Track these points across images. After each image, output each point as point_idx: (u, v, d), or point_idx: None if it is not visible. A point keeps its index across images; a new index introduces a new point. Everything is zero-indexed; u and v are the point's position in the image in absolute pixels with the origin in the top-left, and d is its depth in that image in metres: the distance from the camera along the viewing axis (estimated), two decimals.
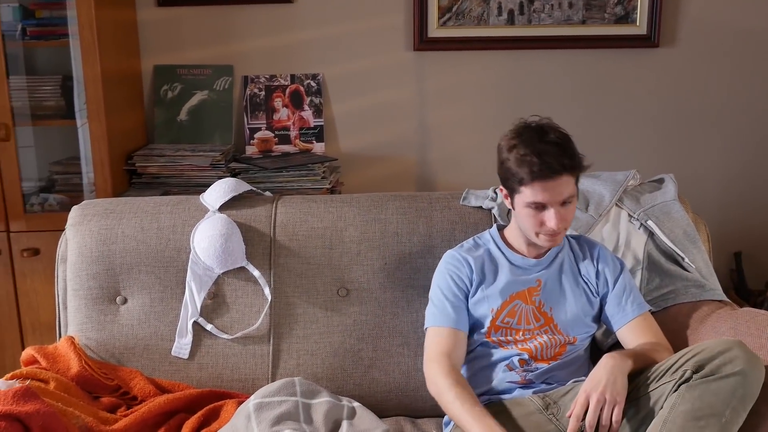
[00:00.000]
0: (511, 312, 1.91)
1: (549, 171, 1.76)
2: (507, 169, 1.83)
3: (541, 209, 1.81)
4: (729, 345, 1.63)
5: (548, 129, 1.83)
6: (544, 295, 1.92)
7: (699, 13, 3.04)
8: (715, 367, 1.60)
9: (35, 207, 2.83)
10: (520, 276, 1.94)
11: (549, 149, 1.77)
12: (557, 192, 1.79)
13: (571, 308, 1.92)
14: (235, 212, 2.19)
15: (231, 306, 2.16)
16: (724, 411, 1.58)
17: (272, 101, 3.11)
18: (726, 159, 3.17)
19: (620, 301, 1.93)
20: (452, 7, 3.03)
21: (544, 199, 1.79)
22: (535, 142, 1.79)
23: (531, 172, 1.77)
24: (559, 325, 1.91)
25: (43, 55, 2.97)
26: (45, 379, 1.98)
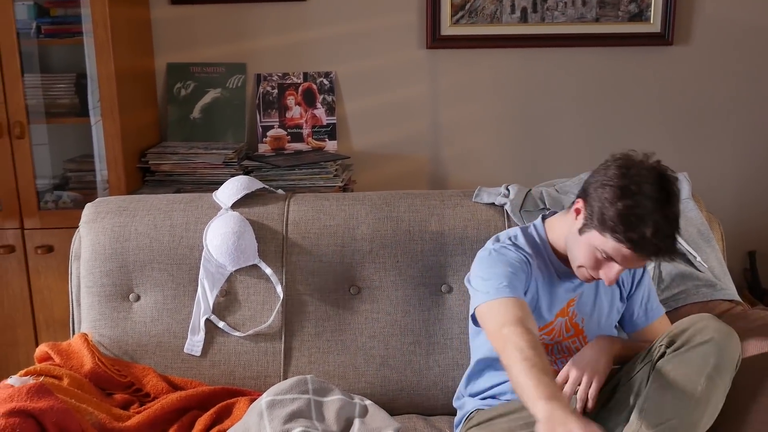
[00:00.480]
0: (550, 330, 1.83)
1: (648, 254, 1.61)
2: (603, 211, 1.62)
3: (608, 261, 1.67)
4: (699, 318, 1.63)
5: (671, 193, 1.62)
6: (579, 306, 1.85)
7: (713, 11, 3.02)
8: (685, 339, 1.61)
9: (49, 204, 2.85)
10: (564, 287, 1.82)
11: (664, 230, 1.58)
12: (636, 263, 1.66)
13: (603, 319, 1.86)
14: (248, 210, 2.20)
15: (243, 303, 2.16)
16: (699, 379, 1.57)
17: (285, 99, 3.12)
18: (740, 157, 3.15)
19: (641, 303, 1.90)
20: (465, 5, 3.03)
21: (619, 262, 1.65)
22: (655, 212, 1.58)
23: (630, 240, 1.59)
24: (588, 337, 1.84)
25: (57, 53, 2.98)
26: (59, 376, 1.99)
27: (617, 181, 1.63)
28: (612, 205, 1.61)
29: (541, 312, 1.80)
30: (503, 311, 1.64)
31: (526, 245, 1.82)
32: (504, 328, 1.59)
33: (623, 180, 1.63)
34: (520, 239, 1.84)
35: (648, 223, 1.57)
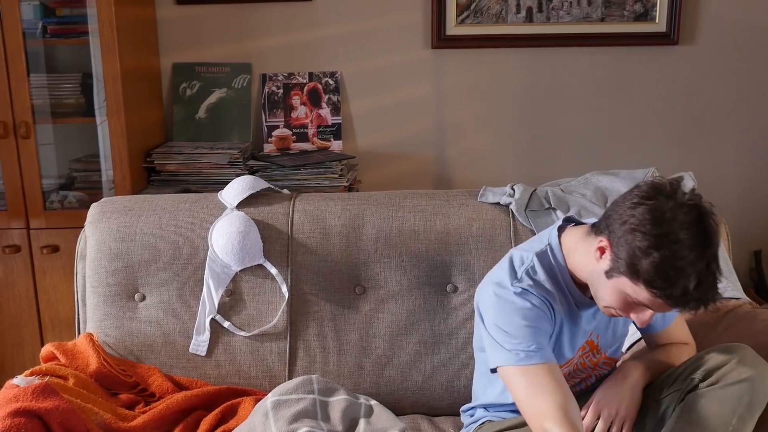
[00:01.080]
0: (568, 362, 1.73)
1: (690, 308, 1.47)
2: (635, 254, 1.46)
3: (640, 305, 1.53)
4: (735, 351, 1.60)
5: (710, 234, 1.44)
6: (595, 324, 1.75)
7: (718, 11, 3.02)
8: (721, 375, 1.58)
9: (55, 204, 2.85)
10: (586, 321, 1.71)
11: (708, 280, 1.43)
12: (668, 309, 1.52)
13: (618, 330, 1.80)
14: (253, 210, 2.20)
15: (248, 303, 2.16)
16: (731, 419, 1.55)
17: (290, 99, 3.12)
18: (746, 157, 3.14)
19: None
20: (470, 5, 3.02)
21: (656, 309, 1.52)
22: (697, 261, 1.42)
23: (670, 297, 1.45)
24: (601, 348, 1.79)
25: (63, 53, 2.99)
26: (64, 376, 1.99)
27: (650, 228, 1.44)
28: (646, 257, 1.43)
29: (563, 350, 1.69)
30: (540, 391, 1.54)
31: (545, 280, 1.65)
32: (546, 421, 1.50)
33: (657, 227, 1.44)
34: (539, 272, 1.66)
35: (690, 277, 1.41)
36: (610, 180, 2.30)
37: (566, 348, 1.69)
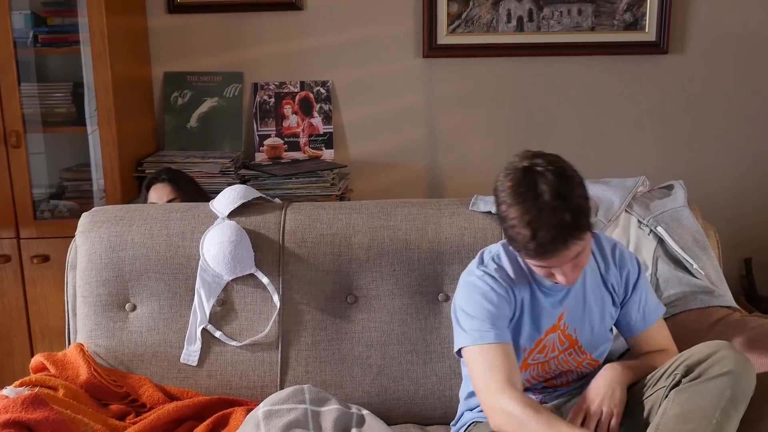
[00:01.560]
0: (542, 348, 1.81)
1: (547, 252, 1.58)
2: (507, 228, 1.63)
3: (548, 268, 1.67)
4: (717, 347, 1.63)
5: (544, 185, 1.57)
6: (569, 317, 1.81)
7: (708, 20, 3.04)
8: (703, 369, 1.60)
9: (45, 214, 2.85)
10: (551, 304, 1.79)
11: (544, 221, 1.55)
12: (563, 259, 1.61)
13: (595, 326, 1.83)
14: (245, 219, 2.20)
15: (240, 313, 2.16)
16: (714, 412, 1.56)
17: (282, 108, 3.12)
18: (736, 165, 3.16)
19: (638, 308, 1.85)
20: (461, 14, 3.04)
21: (551, 266, 1.64)
22: (531, 210, 1.56)
23: (527, 250, 1.60)
24: (583, 346, 1.83)
25: (54, 63, 2.99)
26: (54, 386, 1.98)
27: (501, 196, 1.63)
28: (505, 224, 1.62)
29: (530, 331, 1.78)
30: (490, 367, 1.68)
31: (509, 266, 1.77)
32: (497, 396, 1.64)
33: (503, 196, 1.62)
34: (504, 259, 1.79)
35: (530, 227, 1.55)
36: (601, 188, 2.31)
37: (533, 329, 1.78)
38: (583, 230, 1.59)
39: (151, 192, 2.54)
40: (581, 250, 1.62)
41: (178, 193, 2.52)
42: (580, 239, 1.59)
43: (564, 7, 3.02)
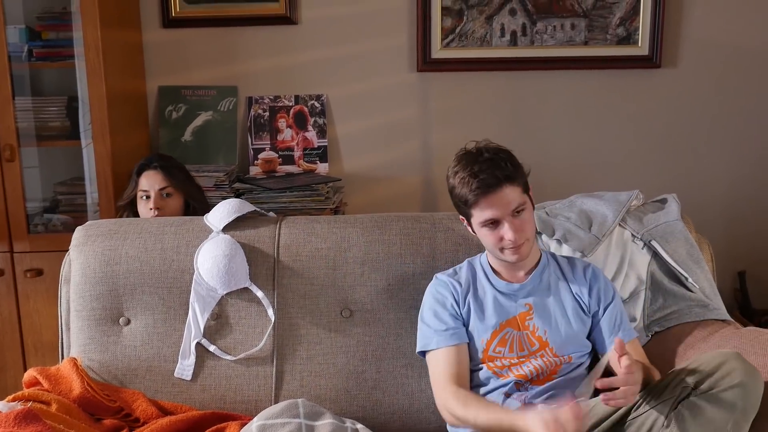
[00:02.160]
0: (501, 341, 1.91)
1: (486, 186, 1.81)
2: (455, 195, 1.90)
3: (496, 225, 1.85)
4: (726, 357, 1.62)
5: (483, 149, 1.88)
6: (537, 319, 1.92)
7: (700, 34, 3.06)
8: (713, 381, 1.60)
9: (39, 227, 2.84)
10: (508, 302, 1.94)
11: (483, 166, 1.83)
12: (504, 204, 1.83)
13: (564, 328, 1.92)
14: (239, 233, 2.20)
15: (234, 327, 2.15)
16: (726, 425, 1.57)
17: (276, 122, 3.12)
18: (729, 178, 3.17)
19: (613, 326, 1.92)
20: (455, 29, 3.05)
21: (494, 215, 1.84)
22: (472, 164, 1.85)
23: (471, 191, 1.83)
24: (555, 348, 1.90)
25: (49, 77, 2.99)
26: (47, 401, 1.97)
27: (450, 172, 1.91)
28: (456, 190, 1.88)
29: (484, 321, 1.93)
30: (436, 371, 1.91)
31: (465, 273, 2.00)
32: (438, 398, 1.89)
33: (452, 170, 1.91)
34: (463, 269, 2.02)
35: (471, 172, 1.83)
36: (594, 203, 2.32)
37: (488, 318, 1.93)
38: (517, 176, 1.85)
39: (142, 178, 2.52)
40: (521, 204, 1.84)
41: (170, 181, 2.52)
42: (516, 184, 1.84)
43: (557, 22, 3.04)
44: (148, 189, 2.50)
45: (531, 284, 1.95)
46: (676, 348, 2.05)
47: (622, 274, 2.19)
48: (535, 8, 3.03)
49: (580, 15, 3.03)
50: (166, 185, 2.51)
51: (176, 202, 2.54)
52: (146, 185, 2.51)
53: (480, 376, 1.92)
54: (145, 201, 2.51)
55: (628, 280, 2.19)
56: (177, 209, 2.54)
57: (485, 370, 1.91)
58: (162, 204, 2.49)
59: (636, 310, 2.17)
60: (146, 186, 2.51)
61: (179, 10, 3.07)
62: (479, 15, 3.03)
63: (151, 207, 2.48)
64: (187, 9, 3.07)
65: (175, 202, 2.53)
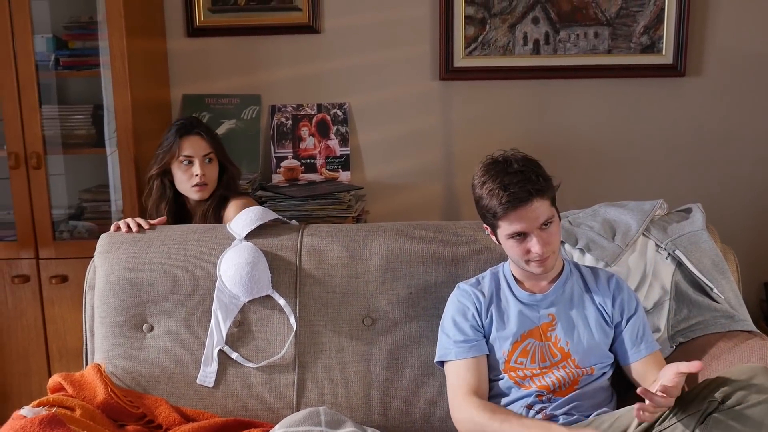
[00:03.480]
0: (523, 352, 1.90)
1: (517, 200, 1.79)
2: (482, 206, 1.87)
3: (523, 238, 1.84)
4: (754, 372, 1.61)
5: (512, 159, 1.85)
6: (560, 330, 1.91)
7: (725, 42, 3.03)
8: (741, 396, 1.58)
9: (64, 234, 2.87)
10: (530, 313, 1.93)
11: (514, 179, 1.80)
12: (533, 218, 1.81)
13: (587, 339, 1.90)
14: (262, 240, 2.20)
15: (256, 334, 2.16)
16: None
17: (299, 130, 3.14)
18: (755, 188, 3.14)
19: (635, 337, 1.91)
20: (478, 37, 3.05)
21: (522, 228, 1.82)
22: (501, 175, 1.82)
23: (501, 204, 1.80)
24: (576, 360, 1.89)
25: (75, 85, 3.02)
26: (71, 407, 1.98)
27: (477, 181, 1.89)
28: (483, 200, 1.85)
29: (506, 332, 1.92)
30: (454, 382, 1.91)
31: (489, 283, 1.99)
32: (455, 409, 1.89)
33: (480, 179, 1.87)
34: (486, 279, 2.01)
35: (501, 184, 1.80)
36: (618, 212, 2.30)
37: (509, 330, 1.92)
38: (547, 189, 1.83)
39: (184, 142, 2.44)
40: (550, 217, 1.82)
41: (213, 147, 2.48)
42: (545, 197, 1.82)
43: (580, 30, 3.03)
44: (192, 155, 2.45)
45: (554, 294, 1.94)
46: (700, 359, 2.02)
47: (646, 284, 2.18)
48: (558, 17, 3.02)
49: (603, 23, 3.02)
50: (209, 151, 2.47)
51: (215, 169, 2.50)
52: (190, 150, 2.45)
53: (500, 385, 1.91)
54: (186, 166, 2.45)
55: (652, 290, 2.17)
56: (215, 177, 2.50)
57: (506, 379, 1.90)
58: (206, 170, 2.46)
59: (660, 320, 2.15)
60: (190, 151, 2.44)
61: (203, 19, 3.09)
62: (502, 24, 3.03)
63: (197, 173, 2.43)
64: (211, 18, 3.09)
65: (214, 169, 2.49)
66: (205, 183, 2.45)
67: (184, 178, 2.46)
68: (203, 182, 2.44)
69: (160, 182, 2.51)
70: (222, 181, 2.52)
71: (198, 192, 2.46)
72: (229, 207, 2.47)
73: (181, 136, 2.46)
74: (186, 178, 2.46)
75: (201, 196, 2.47)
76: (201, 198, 2.48)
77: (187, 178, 2.46)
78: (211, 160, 2.48)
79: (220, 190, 2.51)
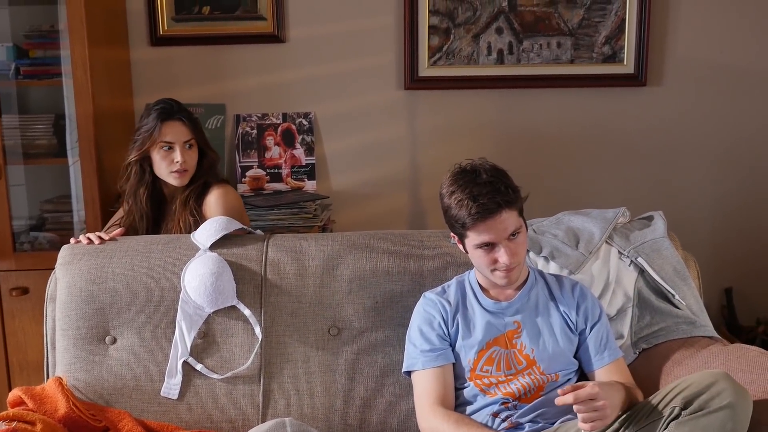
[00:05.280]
0: (488, 360, 1.91)
1: (486, 212, 1.79)
2: (450, 216, 1.86)
3: (491, 248, 1.84)
4: (715, 378, 1.62)
5: (480, 169, 1.85)
6: (525, 338, 1.92)
7: (684, 52, 3.09)
8: (703, 402, 1.59)
9: (25, 246, 2.82)
10: (496, 321, 1.94)
11: (483, 190, 1.80)
12: (501, 228, 1.81)
13: (552, 346, 1.92)
14: (226, 251, 2.19)
15: (221, 345, 2.14)
16: None
17: (264, 139, 3.13)
18: (714, 195, 3.19)
19: (599, 345, 1.93)
20: (442, 47, 3.07)
21: (491, 239, 1.82)
22: (470, 185, 1.82)
23: (470, 215, 1.80)
24: (542, 367, 1.90)
25: (36, 94, 2.98)
26: (32, 421, 1.95)
27: (445, 191, 1.89)
28: (451, 210, 1.85)
29: (472, 339, 1.92)
30: (421, 392, 1.92)
31: (454, 291, 2.00)
32: (422, 419, 1.90)
33: (448, 189, 1.88)
34: (452, 287, 2.02)
35: (470, 195, 1.80)
36: (581, 220, 2.32)
37: (476, 338, 1.92)
38: (516, 201, 1.84)
39: (165, 127, 2.36)
40: (518, 228, 1.83)
41: (194, 134, 2.41)
42: (513, 208, 1.82)
43: (543, 40, 3.06)
44: (173, 141, 2.37)
45: (519, 302, 1.95)
46: (663, 365, 2.05)
47: (609, 291, 2.20)
48: (521, 27, 3.05)
49: (566, 34, 3.06)
50: (190, 137, 2.40)
51: (195, 155, 2.43)
52: (171, 137, 2.36)
53: (466, 394, 1.92)
54: (166, 152, 2.37)
55: (615, 297, 2.20)
56: (194, 163, 2.43)
57: (472, 387, 1.91)
58: (186, 156, 2.38)
59: (623, 327, 2.17)
60: (171, 138, 2.36)
61: (167, 28, 3.07)
62: (466, 33, 3.06)
63: (177, 160, 2.36)
64: (175, 27, 3.08)
65: (194, 155, 2.42)
66: (185, 169, 2.39)
67: (164, 164, 2.38)
68: (183, 168, 2.38)
69: (140, 167, 2.41)
70: (202, 167, 2.45)
71: (178, 178, 2.39)
72: (210, 194, 2.41)
73: (162, 121, 2.37)
74: (166, 164, 2.38)
75: (181, 182, 2.41)
76: (180, 184, 2.41)
77: (167, 164, 2.38)
78: (192, 146, 2.40)
79: (201, 175, 2.44)
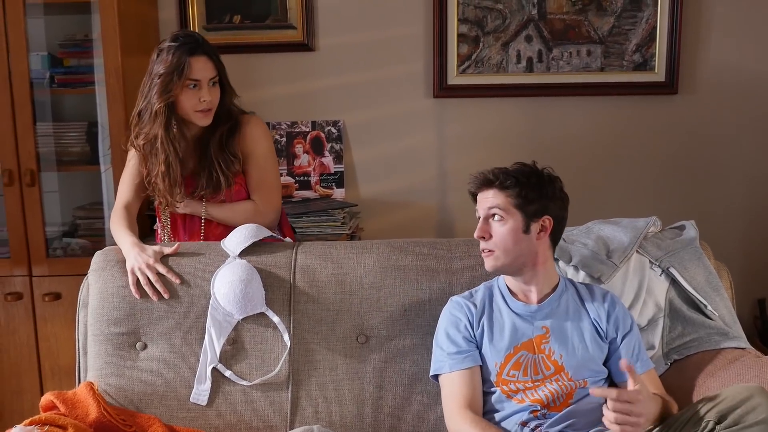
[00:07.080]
0: (515, 364, 1.89)
1: (477, 184, 1.98)
2: None
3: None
4: (750, 392, 1.60)
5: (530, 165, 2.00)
6: (554, 343, 1.90)
7: (716, 60, 3.06)
8: (738, 416, 1.57)
9: (58, 251, 2.86)
10: (524, 325, 1.93)
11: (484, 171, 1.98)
12: (483, 198, 1.96)
13: (581, 353, 1.90)
14: (256, 258, 2.20)
15: (250, 352, 2.15)
16: None
17: (293, 147, 3.14)
18: (748, 205, 3.15)
19: (631, 355, 1.91)
20: (471, 55, 3.07)
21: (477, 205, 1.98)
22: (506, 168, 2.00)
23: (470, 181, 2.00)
24: (570, 373, 1.88)
25: (70, 102, 3.03)
26: (63, 425, 1.97)
27: None
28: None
29: (498, 344, 1.92)
30: (449, 394, 1.92)
31: (481, 295, 2.01)
32: (449, 422, 1.89)
33: None
34: (479, 291, 2.03)
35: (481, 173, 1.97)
36: (611, 229, 2.31)
37: (503, 341, 1.92)
38: (505, 186, 1.92)
39: (194, 62, 2.19)
40: (502, 213, 1.90)
41: (218, 72, 2.26)
42: (495, 189, 1.93)
43: (573, 48, 3.05)
44: (200, 78, 2.21)
45: (549, 306, 1.94)
46: (695, 376, 2.03)
47: (640, 301, 2.18)
48: (551, 35, 3.04)
49: (596, 41, 3.04)
50: (215, 74, 2.26)
51: (218, 93, 2.29)
52: (199, 72, 2.21)
53: (493, 399, 1.90)
54: (193, 90, 2.22)
55: (646, 307, 2.18)
56: (218, 101, 2.29)
57: (499, 393, 1.89)
58: (213, 95, 2.25)
59: (654, 337, 2.15)
60: (199, 73, 2.21)
61: None
62: (495, 42, 3.05)
63: (204, 99, 2.22)
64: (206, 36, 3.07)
65: (218, 93, 2.28)
66: (209, 108, 2.26)
67: (191, 104, 2.23)
68: (208, 107, 2.24)
69: (168, 111, 2.21)
70: (224, 104, 2.32)
71: (203, 118, 2.25)
72: (246, 126, 2.34)
73: (190, 56, 2.20)
74: (193, 103, 2.23)
75: (206, 122, 2.27)
76: (205, 124, 2.28)
77: (194, 102, 2.23)
78: (215, 83, 2.27)
79: (225, 113, 2.32)
